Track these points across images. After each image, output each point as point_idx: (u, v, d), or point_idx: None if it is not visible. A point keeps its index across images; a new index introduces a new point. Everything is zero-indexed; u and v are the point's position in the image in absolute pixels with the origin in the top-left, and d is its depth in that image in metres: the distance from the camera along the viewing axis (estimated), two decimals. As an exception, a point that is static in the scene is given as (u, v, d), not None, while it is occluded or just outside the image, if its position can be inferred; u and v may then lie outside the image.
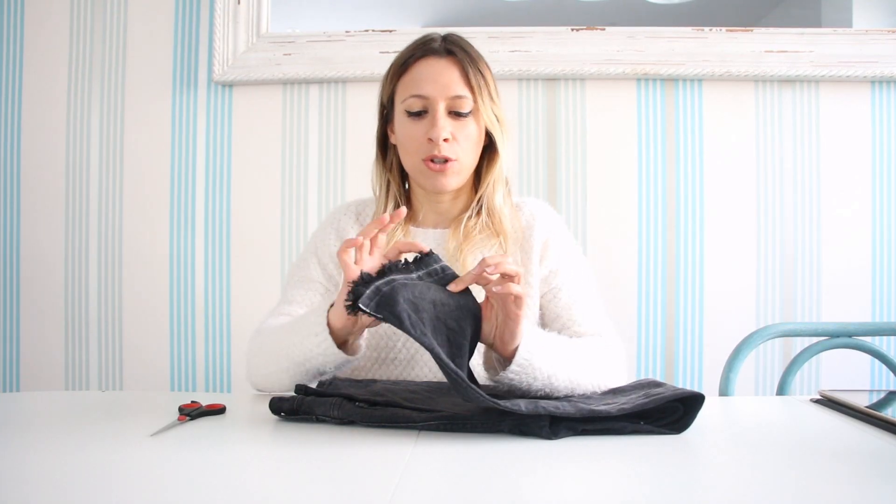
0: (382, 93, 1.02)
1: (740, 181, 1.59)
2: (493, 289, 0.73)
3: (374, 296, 0.70)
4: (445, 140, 0.93)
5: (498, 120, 0.99)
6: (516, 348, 0.76)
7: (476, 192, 1.03)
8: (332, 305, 0.82)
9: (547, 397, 0.79)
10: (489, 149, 1.01)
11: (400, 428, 0.71)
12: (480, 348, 0.81)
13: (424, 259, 0.78)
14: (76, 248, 1.67)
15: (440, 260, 0.79)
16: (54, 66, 1.67)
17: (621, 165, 1.60)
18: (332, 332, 0.81)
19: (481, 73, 0.96)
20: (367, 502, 0.50)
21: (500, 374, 0.78)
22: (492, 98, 0.97)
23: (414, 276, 0.76)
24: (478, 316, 0.77)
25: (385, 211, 1.02)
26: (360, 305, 0.70)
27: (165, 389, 1.64)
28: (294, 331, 0.86)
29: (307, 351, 0.82)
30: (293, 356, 0.84)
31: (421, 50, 0.96)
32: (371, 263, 0.78)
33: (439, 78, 0.94)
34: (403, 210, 0.82)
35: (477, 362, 0.83)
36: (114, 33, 1.67)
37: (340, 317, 0.79)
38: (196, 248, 1.65)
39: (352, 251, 0.78)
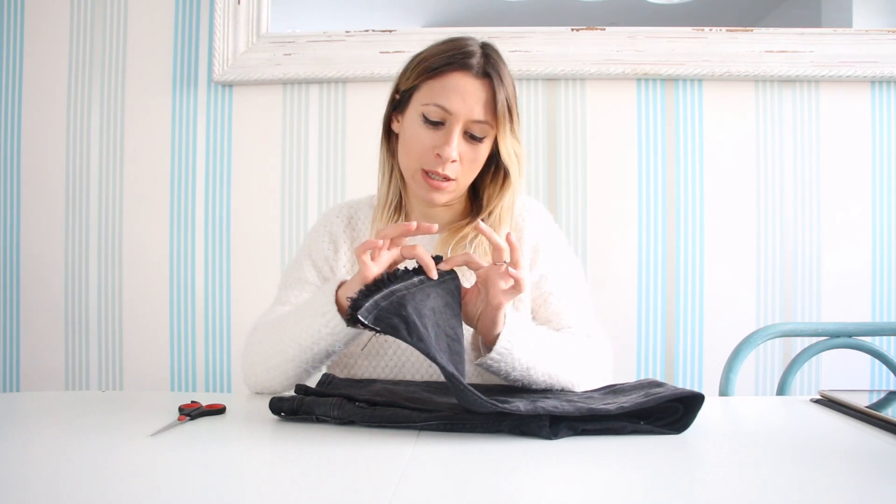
0: (401, 81, 0.98)
1: (740, 181, 1.59)
2: (510, 270, 0.76)
3: (372, 309, 0.72)
4: (453, 161, 0.92)
5: (516, 156, 0.96)
6: (498, 335, 0.79)
7: (470, 200, 1.04)
8: (339, 286, 0.82)
9: (524, 388, 0.83)
10: (500, 173, 0.99)
11: (400, 428, 0.71)
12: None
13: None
14: (76, 248, 1.67)
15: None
16: (54, 66, 1.67)
17: (621, 165, 1.60)
18: (339, 312, 0.81)
19: (508, 106, 0.93)
20: (367, 502, 0.50)
21: (480, 358, 0.81)
22: (513, 133, 0.95)
23: (416, 279, 0.77)
24: (458, 298, 0.80)
25: (388, 198, 1.01)
26: (359, 317, 0.72)
27: (165, 389, 1.64)
28: (300, 316, 0.86)
29: (315, 332, 0.83)
30: (300, 340, 0.84)
31: (459, 62, 0.92)
32: (387, 258, 0.80)
33: (467, 98, 0.91)
34: (435, 226, 0.80)
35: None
36: (114, 33, 1.67)
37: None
38: (196, 248, 1.65)
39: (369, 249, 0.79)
